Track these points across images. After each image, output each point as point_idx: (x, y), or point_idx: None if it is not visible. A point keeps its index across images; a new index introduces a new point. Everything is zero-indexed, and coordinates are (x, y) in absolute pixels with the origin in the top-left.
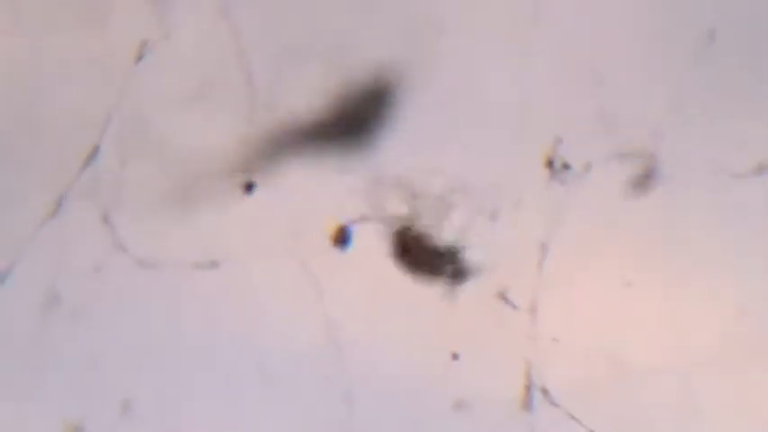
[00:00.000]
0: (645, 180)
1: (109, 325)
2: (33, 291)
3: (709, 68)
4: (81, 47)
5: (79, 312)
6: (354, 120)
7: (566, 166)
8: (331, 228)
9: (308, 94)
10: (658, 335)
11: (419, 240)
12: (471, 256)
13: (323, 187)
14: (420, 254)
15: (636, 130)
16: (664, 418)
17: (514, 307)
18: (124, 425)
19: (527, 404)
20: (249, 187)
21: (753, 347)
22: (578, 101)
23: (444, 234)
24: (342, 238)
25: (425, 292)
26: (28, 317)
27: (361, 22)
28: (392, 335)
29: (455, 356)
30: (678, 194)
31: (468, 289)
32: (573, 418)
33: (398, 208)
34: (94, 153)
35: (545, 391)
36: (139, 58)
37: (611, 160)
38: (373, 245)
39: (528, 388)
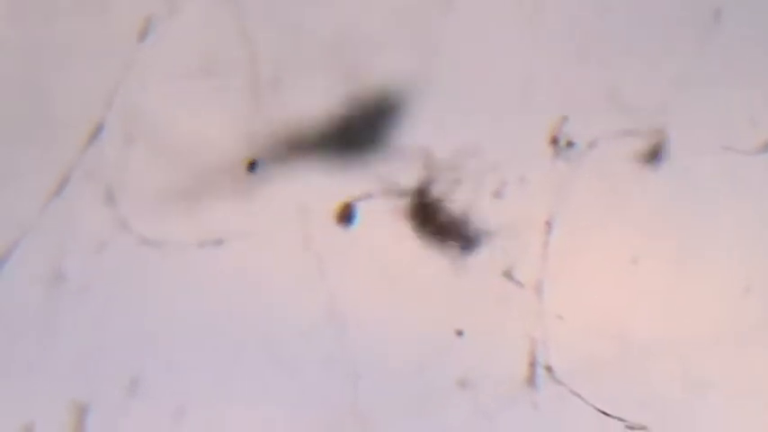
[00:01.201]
0: (651, 157)
1: (114, 303)
2: (38, 269)
3: (715, 47)
4: (85, 24)
5: (84, 291)
6: (361, 108)
7: (570, 144)
8: (336, 205)
9: (312, 73)
10: (663, 312)
11: (433, 208)
12: (476, 233)
13: (328, 164)
14: (434, 220)
15: (642, 108)
16: (668, 396)
17: (519, 284)
18: (131, 403)
19: (531, 381)
20: (253, 165)
21: (759, 324)
22: (584, 79)
23: (453, 206)
24: (347, 215)
25: (430, 270)
26: (33, 295)
27: (360, 3)
28: (396, 312)
29: (459, 333)
30: (684, 172)
31: (473, 266)
32: (577, 395)
33: (405, 184)
34: (98, 131)
35: (549, 369)
36: (144, 35)
37: (617, 138)
38: (379, 222)
39: (532, 365)
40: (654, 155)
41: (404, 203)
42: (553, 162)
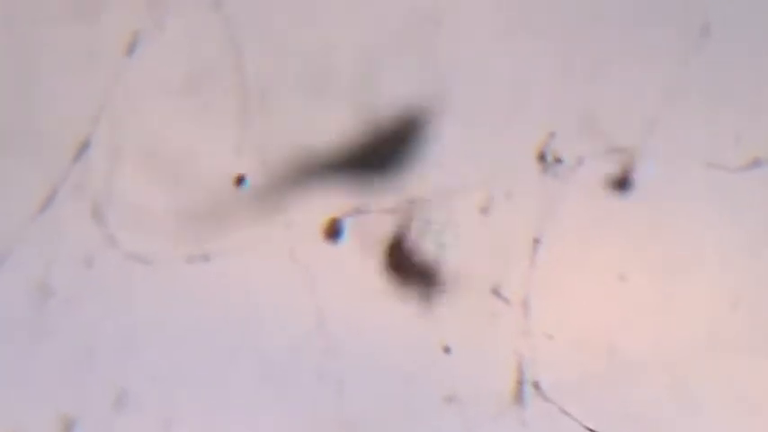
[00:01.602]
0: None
1: (102, 318)
2: (25, 284)
3: (703, 63)
4: (72, 38)
5: (71, 304)
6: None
7: (558, 160)
8: (323, 220)
9: (299, 90)
10: (652, 328)
11: (408, 256)
12: (463, 250)
13: (314, 180)
14: (408, 270)
15: (629, 124)
16: (657, 412)
17: (507, 301)
18: (118, 417)
19: (518, 398)
20: (240, 181)
21: (746, 339)
22: (571, 96)
23: (433, 234)
24: (334, 230)
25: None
26: (21, 309)
27: (346, 20)
28: (384, 327)
29: (447, 350)
30: (672, 188)
31: (460, 282)
32: (565, 412)
33: (391, 201)
34: (85, 146)
35: (537, 386)
36: (131, 49)
37: (604, 154)
38: (365, 238)
39: (520, 382)
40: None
41: (386, 242)
42: (541, 178)
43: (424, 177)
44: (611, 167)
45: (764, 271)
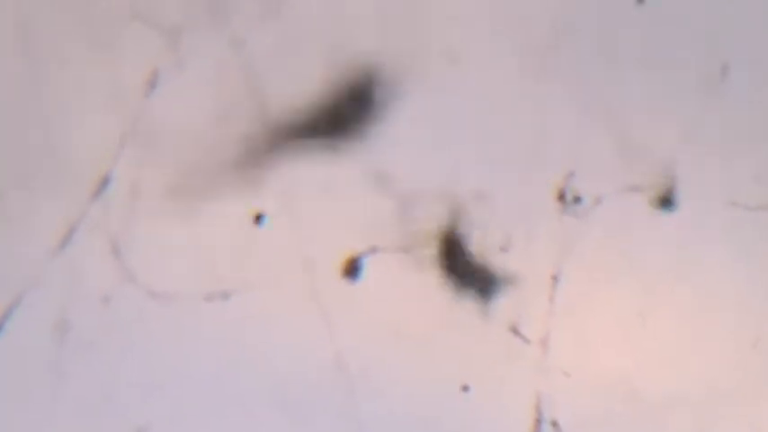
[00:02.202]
0: (657, 213)
1: (121, 355)
2: (44, 320)
3: (722, 102)
4: (92, 75)
5: (91, 343)
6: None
7: (577, 199)
8: (342, 259)
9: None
10: (672, 367)
11: (463, 248)
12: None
13: (334, 219)
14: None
15: (649, 164)
16: None
17: (525, 339)
18: None
19: None
20: (259, 218)
21: (764, 380)
22: (591, 134)
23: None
24: (353, 269)
25: (436, 324)
26: (40, 345)
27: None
28: (403, 366)
29: (465, 388)
30: (691, 227)
31: (479, 320)
32: None
33: (411, 239)
34: (105, 183)
35: (555, 425)
36: (151, 87)
37: (623, 193)
38: (384, 276)
39: (538, 421)
40: (660, 210)
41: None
42: (560, 217)
43: (439, 216)
44: (631, 206)
45: None
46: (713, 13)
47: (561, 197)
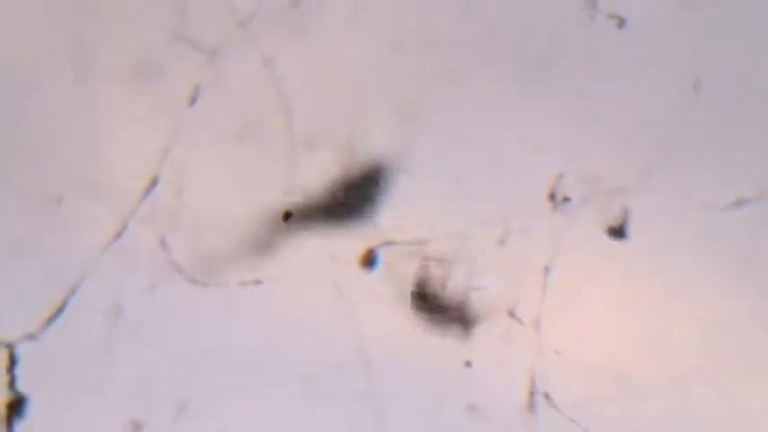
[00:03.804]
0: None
1: (166, 336)
2: (99, 304)
3: (694, 115)
4: (141, 90)
5: (140, 324)
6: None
7: (566, 199)
8: (360, 251)
9: (341, 138)
10: (650, 348)
11: (434, 296)
12: (482, 277)
13: (352, 214)
14: (435, 307)
15: (629, 169)
16: (653, 420)
17: (521, 322)
18: (179, 424)
19: (531, 408)
20: (287, 216)
21: (737, 362)
22: (579, 143)
23: (456, 270)
24: (370, 260)
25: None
26: (95, 327)
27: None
28: (415, 346)
29: (468, 364)
30: (666, 224)
31: (479, 306)
32: (571, 420)
33: (421, 234)
34: (153, 185)
35: (547, 396)
36: (193, 101)
37: (607, 194)
38: (398, 267)
39: (532, 393)
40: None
41: (413, 284)
42: (551, 215)
43: (448, 213)
44: (614, 206)
45: (751, 298)
46: (685, 35)
47: (552, 197)
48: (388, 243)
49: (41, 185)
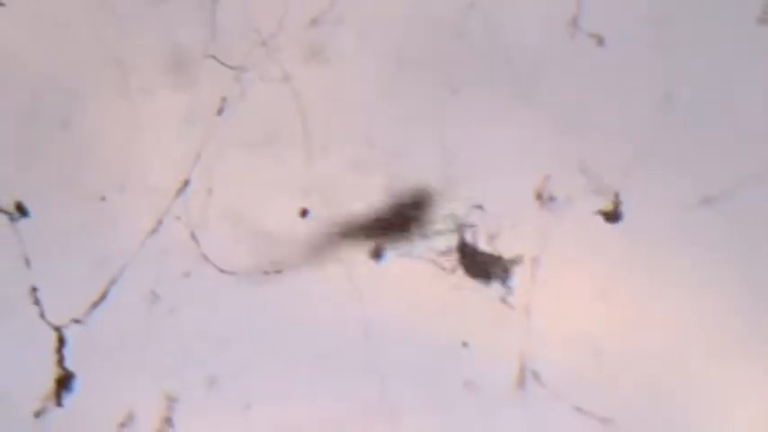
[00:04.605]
0: (615, 210)
1: (197, 319)
2: (138, 291)
3: (667, 123)
4: (175, 102)
5: (174, 309)
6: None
7: (552, 198)
8: (370, 245)
9: (353, 145)
10: (630, 331)
11: (475, 253)
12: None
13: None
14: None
15: (608, 172)
16: (635, 398)
17: (512, 307)
18: (209, 397)
19: (521, 384)
20: (305, 213)
21: (709, 344)
22: (563, 148)
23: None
24: (378, 253)
25: (443, 296)
26: (135, 311)
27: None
28: (416, 329)
29: (465, 345)
30: (642, 222)
31: (476, 293)
32: (558, 396)
33: (422, 230)
34: (185, 185)
35: (536, 375)
36: (220, 111)
37: (589, 194)
38: (403, 260)
39: (523, 371)
40: (617, 208)
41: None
42: (539, 212)
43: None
44: (594, 205)
45: (722, 289)
46: (658, 52)
47: (539, 197)
48: (394, 240)
49: (87, 185)
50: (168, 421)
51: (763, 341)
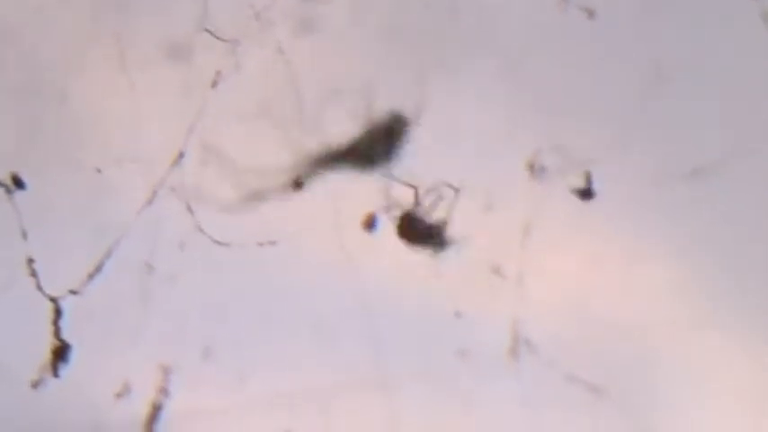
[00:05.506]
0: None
1: (192, 289)
2: (134, 262)
3: (655, 95)
4: (170, 75)
5: (169, 279)
6: (377, 142)
7: (543, 169)
8: (362, 215)
9: (343, 117)
10: (618, 298)
11: (416, 221)
12: (471, 239)
13: (355, 185)
14: (415, 230)
15: (598, 142)
16: (623, 363)
17: (505, 276)
18: (204, 367)
19: (514, 352)
20: (298, 185)
21: (689, 313)
22: (553, 122)
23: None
24: (371, 223)
25: (436, 265)
26: (131, 282)
27: (383, 64)
28: (410, 297)
29: (458, 314)
30: (629, 191)
31: (468, 263)
32: (550, 362)
33: (412, 201)
34: (180, 157)
35: (528, 342)
36: (215, 84)
37: (578, 165)
38: (393, 228)
39: (515, 339)
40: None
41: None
42: (530, 183)
43: (441, 185)
44: (581, 176)
45: (704, 259)
46: (648, 24)
47: (531, 168)
48: (387, 209)
49: (83, 158)
50: (164, 391)
51: (744, 308)
